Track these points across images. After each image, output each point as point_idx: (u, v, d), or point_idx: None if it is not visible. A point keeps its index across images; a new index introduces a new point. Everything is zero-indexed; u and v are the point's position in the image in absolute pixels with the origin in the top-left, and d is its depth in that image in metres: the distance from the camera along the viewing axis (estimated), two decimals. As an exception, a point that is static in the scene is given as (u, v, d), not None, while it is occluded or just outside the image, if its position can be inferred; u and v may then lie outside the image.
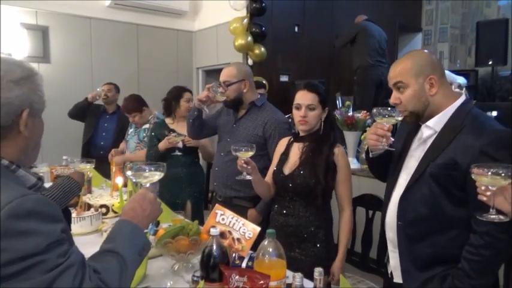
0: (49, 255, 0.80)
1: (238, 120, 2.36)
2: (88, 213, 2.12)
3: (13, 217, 0.79)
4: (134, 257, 1.00)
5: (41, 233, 0.81)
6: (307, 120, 1.84)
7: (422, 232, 1.40)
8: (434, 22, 7.09)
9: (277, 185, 1.95)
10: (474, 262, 1.28)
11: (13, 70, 0.91)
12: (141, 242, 1.03)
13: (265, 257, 1.27)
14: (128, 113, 3.28)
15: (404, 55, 1.49)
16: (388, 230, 1.54)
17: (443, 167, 1.34)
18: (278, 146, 2.06)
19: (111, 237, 1.00)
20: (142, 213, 1.08)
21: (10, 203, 0.79)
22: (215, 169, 2.44)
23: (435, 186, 1.36)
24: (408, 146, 1.54)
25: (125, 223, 1.04)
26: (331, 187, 1.86)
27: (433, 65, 1.42)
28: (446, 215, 1.36)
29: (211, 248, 1.25)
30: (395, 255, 1.51)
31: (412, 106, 1.41)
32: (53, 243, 0.82)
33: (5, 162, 0.90)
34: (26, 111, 0.91)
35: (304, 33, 5.55)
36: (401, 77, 1.41)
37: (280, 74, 5.33)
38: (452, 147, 1.34)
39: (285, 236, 1.79)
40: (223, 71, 2.36)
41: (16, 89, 0.90)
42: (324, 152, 1.83)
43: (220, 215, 1.48)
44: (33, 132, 0.95)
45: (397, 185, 1.52)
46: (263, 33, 4.86)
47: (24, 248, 0.78)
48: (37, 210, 0.82)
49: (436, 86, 1.40)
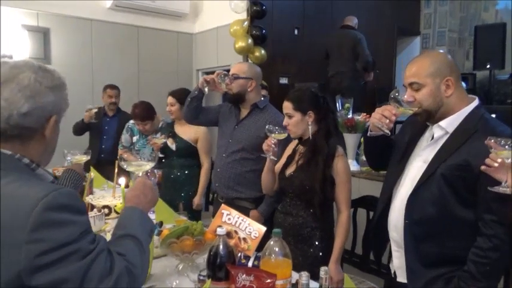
0: (82, 243, 0.86)
1: (241, 121, 2.37)
2: (91, 213, 2.12)
3: (50, 209, 0.83)
4: (147, 238, 1.06)
5: (74, 223, 0.86)
6: (289, 128, 1.91)
7: (429, 232, 1.41)
8: (433, 26, 7.14)
9: (280, 186, 1.99)
10: (481, 265, 1.29)
11: (50, 77, 0.97)
12: (148, 224, 1.10)
13: (272, 256, 1.28)
14: (142, 120, 3.19)
15: (421, 54, 1.51)
16: (391, 229, 1.55)
17: (456, 168, 1.35)
18: (288, 148, 2.10)
19: (123, 224, 1.05)
20: (145, 199, 1.14)
21: (46, 196, 0.83)
22: (217, 170, 2.45)
23: (445, 187, 1.37)
24: (413, 146, 1.55)
25: (132, 209, 1.09)
26: (329, 198, 1.88)
27: (451, 66, 1.43)
28: (454, 216, 1.37)
29: (218, 248, 1.27)
30: (398, 255, 1.53)
31: (426, 104, 1.42)
32: (84, 232, 0.88)
33: (26, 161, 0.95)
34: (54, 117, 0.98)
35: (304, 36, 5.58)
36: (418, 76, 1.42)
37: (279, 77, 5.35)
38: (464, 149, 1.35)
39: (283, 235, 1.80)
40: (236, 64, 2.43)
41: (51, 95, 0.96)
42: (319, 163, 1.83)
43: (227, 215, 1.49)
44: (53, 137, 1.01)
45: (403, 184, 1.53)
46: (263, 35, 4.88)
47: (61, 237, 0.83)
48: (69, 203, 0.87)
49: (452, 88, 1.41)
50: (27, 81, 0.92)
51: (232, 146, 2.35)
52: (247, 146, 2.29)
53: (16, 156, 0.93)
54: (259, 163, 2.18)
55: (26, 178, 0.90)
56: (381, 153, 1.68)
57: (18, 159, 0.93)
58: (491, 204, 1.27)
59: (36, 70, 0.95)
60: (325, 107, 1.94)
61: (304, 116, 1.89)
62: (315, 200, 1.82)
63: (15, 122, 0.91)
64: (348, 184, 1.89)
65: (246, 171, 2.31)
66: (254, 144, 2.25)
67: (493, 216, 1.27)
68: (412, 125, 1.61)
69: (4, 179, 0.88)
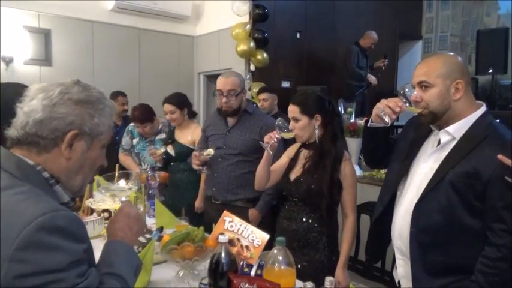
0: (69, 273, 0.79)
1: (232, 127, 2.39)
2: (91, 217, 2.10)
3: (42, 230, 0.78)
4: (132, 277, 0.99)
5: (66, 250, 0.80)
6: (295, 132, 1.87)
7: (435, 240, 1.38)
8: (435, 30, 7.14)
9: (283, 190, 1.95)
10: (490, 275, 1.26)
11: (79, 91, 0.93)
12: (135, 262, 1.02)
13: (275, 265, 1.25)
14: (141, 123, 3.17)
15: (434, 55, 1.48)
16: (396, 237, 1.52)
17: (464, 175, 1.31)
18: (289, 150, 2.06)
19: (107, 260, 0.97)
20: (131, 231, 1.05)
21: (44, 215, 0.79)
22: (214, 175, 2.44)
23: (453, 195, 1.33)
24: (417, 149, 1.52)
25: (119, 244, 1.01)
26: (336, 202, 1.86)
27: (463, 70, 1.41)
28: (461, 225, 1.34)
29: (219, 256, 1.24)
30: (403, 263, 1.50)
31: (433, 106, 1.39)
32: (74, 262, 0.81)
33: (46, 175, 0.91)
34: (72, 131, 0.91)
35: (306, 40, 5.57)
36: (428, 76, 1.39)
37: (282, 80, 5.34)
38: (473, 156, 1.32)
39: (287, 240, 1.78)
40: (224, 79, 2.34)
41: (72, 108, 0.91)
42: (327, 167, 1.81)
43: (229, 222, 1.46)
44: (76, 156, 0.94)
45: (407, 191, 1.50)
46: (265, 38, 4.87)
47: (47, 262, 0.77)
48: (66, 227, 0.81)
49: (462, 92, 1.38)
50: (52, 92, 0.90)
51: (227, 151, 2.37)
52: (244, 150, 2.33)
53: (37, 168, 0.90)
54: (255, 164, 2.17)
55: (37, 192, 0.85)
56: (378, 148, 1.66)
57: (38, 172, 0.90)
58: (501, 213, 1.24)
59: (70, 84, 0.93)
60: (331, 111, 1.91)
61: (311, 119, 1.86)
62: (323, 204, 1.80)
63: (30, 129, 0.88)
64: (354, 188, 1.88)
65: (244, 173, 2.34)
66: (250, 148, 2.30)
67: (503, 225, 1.24)
68: (415, 127, 1.58)
69: (14, 188, 0.84)
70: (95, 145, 0.97)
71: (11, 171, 0.88)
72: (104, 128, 0.97)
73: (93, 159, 0.99)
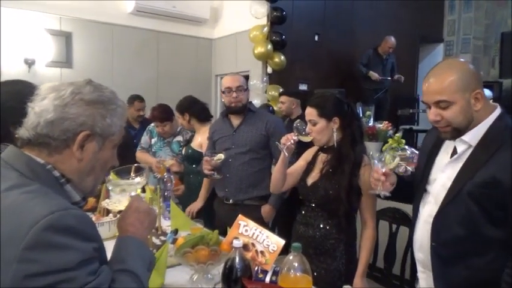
0: (79, 272, 0.78)
1: (238, 127, 2.42)
2: (107, 218, 2.10)
3: (51, 229, 0.77)
4: (146, 273, 0.97)
5: (75, 249, 0.78)
6: (313, 135, 1.82)
7: (457, 254, 1.32)
8: (457, 33, 6.98)
9: (300, 194, 1.91)
10: None
11: (92, 91, 0.91)
12: (148, 257, 1.00)
13: (290, 272, 1.21)
14: (161, 122, 3.21)
15: (441, 67, 1.34)
16: (417, 250, 1.46)
17: (483, 185, 1.25)
18: (306, 153, 2.01)
19: (119, 257, 0.95)
20: (142, 226, 1.03)
21: (52, 214, 0.77)
22: (226, 175, 2.43)
23: (473, 206, 1.27)
24: (433, 160, 1.46)
25: (130, 240, 0.99)
26: (355, 208, 1.80)
27: (477, 77, 1.32)
28: (484, 236, 1.27)
29: (233, 261, 1.21)
30: (425, 276, 1.44)
31: (457, 122, 1.30)
32: (84, 260, 0.79)
33: (56, 173, 0.90)
34: (84, 132, 0.90)
35: (324, 42, 5.52)
36: (445, 94, 1.28)
37: (299, 83, 5.30)
38: (491, 163, 1.25)
39: (303, 247, 1.74)
40: (231, 77, 2.45)
41: (83, 108, 0.89)
42: (346, 172, 1.75)
43: (244, 226, 1.44)
44: (87, 157, 0.92)
45: (426, 202, 1.44)
46: (283, 41, 4.84)
47: (56, 262, 0.76)
48: (75, 226, 0.80)
49: (482, 101, 1.30)
50: (63, 92, 0.88)
51: (237, 150, 2.39)
52: (254, 146, 2.37)
53: (48, 166, 0.88)
54: (265, 161, 2.38)
55: (46, 191, 0.84)
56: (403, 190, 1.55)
57: (48, 170, 0.88)
58: None
59: (81, 84, 0.91)
60: (350, 113, 1.85)
61: (329, 122, 1.81)
62: (340, 210, 1.74)
63: (41, 130, 0.87)
64: (374, 195, 1.81)
65: (254, 172, 2.37)
66: (259, 143, 2.36)
67: None
68: (431, 137, 1.52)
69: (23, 187, 0.83)
70: (107, 146, 0.95)
71: (20, 170, 0.86)
72: (116, 129, 0.95)
73: (105, 160, 0.97)
